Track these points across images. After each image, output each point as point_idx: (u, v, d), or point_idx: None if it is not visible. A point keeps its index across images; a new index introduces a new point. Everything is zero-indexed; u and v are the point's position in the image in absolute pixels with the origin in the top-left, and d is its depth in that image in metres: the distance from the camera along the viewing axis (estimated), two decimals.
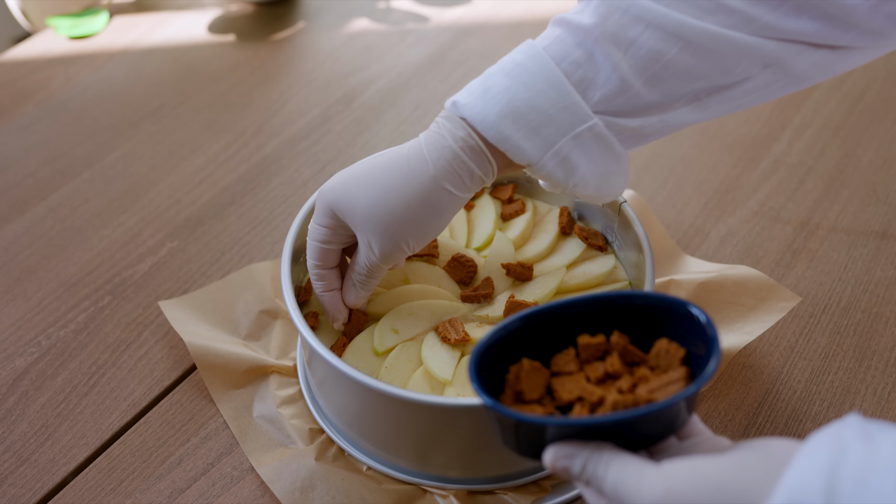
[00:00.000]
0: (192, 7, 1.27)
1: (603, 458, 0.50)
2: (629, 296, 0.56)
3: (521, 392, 0.54)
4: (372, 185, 0.65)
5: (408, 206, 0.64)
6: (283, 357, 0.80)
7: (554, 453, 0.51)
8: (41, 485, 0.73)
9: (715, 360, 0.51)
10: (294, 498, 0.69)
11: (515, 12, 1.24)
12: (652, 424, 0.51)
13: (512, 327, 0.55)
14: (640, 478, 0.48)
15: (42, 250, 0.92)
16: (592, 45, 0.61)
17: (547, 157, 0.63)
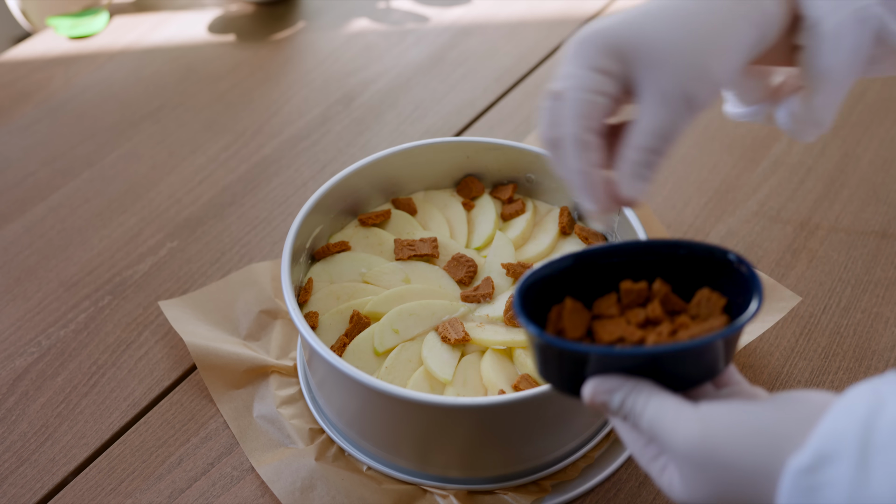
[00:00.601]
0: (192, 7, 1.27)
1: (642, 393, 0.49)
2: (673, 244, 0.55)
3: (563, 330, 0.54)
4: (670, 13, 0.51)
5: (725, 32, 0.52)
6: (283, 357, 0.80)
7: (594, 386, 0.50)
8: (41, 485, 0.73)
9: (757, 302, 0.50)
10: (294, 498, 0.69)
11: (515, 12, 1.24)
12: (692, 363, 0.51)
13: (559, 266, 0.55)
14: (678, 416, 0.47)
15: (42, 250, 0.92)
16: None
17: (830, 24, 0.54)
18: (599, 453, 0.73)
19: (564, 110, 0.52)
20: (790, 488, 0.43)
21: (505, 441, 0.68)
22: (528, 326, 0.51)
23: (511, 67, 1.14)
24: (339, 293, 0.76)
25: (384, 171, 0.82)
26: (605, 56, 0.51)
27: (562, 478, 0.72)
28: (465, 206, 0.84)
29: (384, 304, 0.75)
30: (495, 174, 0.85)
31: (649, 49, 0.51)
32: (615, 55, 0.51)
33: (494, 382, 0.69)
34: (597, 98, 0.51)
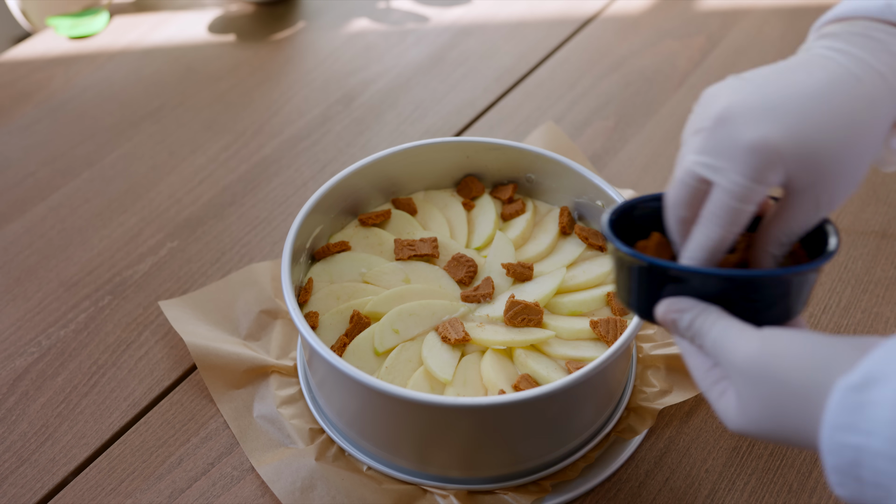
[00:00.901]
0: (192, 7, 1.27)
1: (711, 315, 0.51)
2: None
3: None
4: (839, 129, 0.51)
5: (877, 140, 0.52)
6: (283, 357, 0.80)
7: (667, 305, 0.53)
8: (41, 485, 0.73)
9: (835, 240, 0.53)
10: (294, 498, 0.69)
11: (515, 12, 1.24)
12: (768, 296, 0.52)
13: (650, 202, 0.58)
14: (740, 334, 0.49)
15: (42, 250, 0.92)
16: None
17: None
18: (599, 453, 0.73)
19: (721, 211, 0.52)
20: (838, 405, 0.44)
21: (505, 441, 0.68)
22: (616, 242, 0.54)
23: (511, 67, 1.14)
24: (339, 293, 0.76)
25: (384, 171, 0.82)
26: (774, 173, 0.51)
27: (562, 478, 0.72)
28: (465, 206, 0.84)
29: (384, 304, 0.75)
30: (495, 174, 0.85)
31: (814, 164, 0.51)
32: (782, 171, 0.51)
33: (494, 382, 0.69)
34: (750, 208, 0.51)
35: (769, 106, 0.51)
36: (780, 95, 0.51)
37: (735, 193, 0.51)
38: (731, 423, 0.50)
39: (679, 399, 0.75)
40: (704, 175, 0.52)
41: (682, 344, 0.53)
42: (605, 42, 1.18)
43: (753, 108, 0.51)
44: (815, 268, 0.52)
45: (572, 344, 0.73)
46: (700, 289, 0.52)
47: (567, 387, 0.64)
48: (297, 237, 0.74)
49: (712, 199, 0.52)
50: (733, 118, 0.51)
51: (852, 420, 0.43)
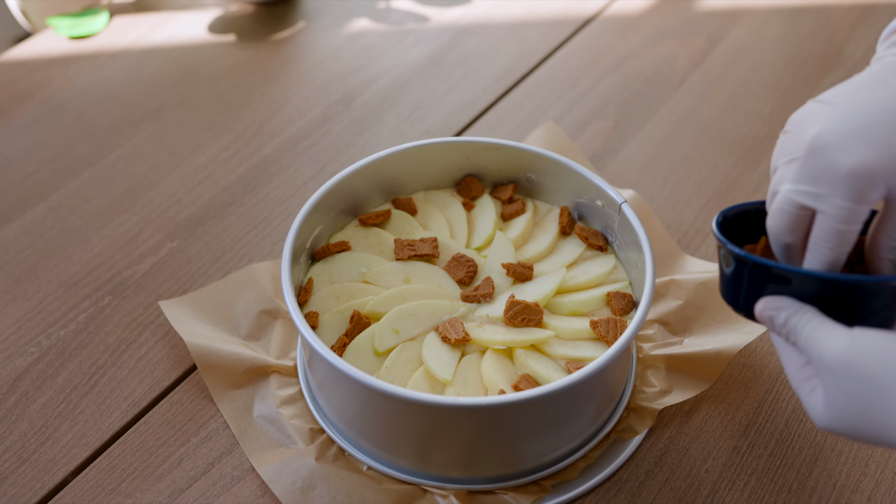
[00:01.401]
0: (192, 7, 1.27)
1: (806, 314, 0.54)
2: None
3: None
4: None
5: None
6: (283, 357, 0.80)
7: (766, 303, 0.55)
8: (41, 485, 0.73)
9: None
10: (294, 498, 0.69)
11: (515, 12, 1.24)
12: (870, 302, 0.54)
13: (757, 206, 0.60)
14: (831, 333, 0.52)
15: (42, 250, 0.92)
16: None
17: None
18: (599, 453, 0.73)
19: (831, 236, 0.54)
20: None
21: (505, 441, 0.68)
22: (724, 241, 0.57)
23: (511, 67, 1.14)
24: (340, 293, 0.76)
25: (384, 171, 0.82)
26: (874, 193, 0.53)
27: (562, 478, 0.72)
28: (465, 206, 0.84)
29: (384, 304, 0.75)
30: (495, 174, 0.85)
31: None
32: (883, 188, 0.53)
33: (494, 382, 0.69)
34: (856, 227, 0.54)
35: (859, 130, 0.53)
36: (867, 117, 0.53)
37: (840, 217, 0.53)
38: (819, 420, 0.52)
39: (679, 399, 0.75)
40: (806, 204, 0.54)
41: (778, 341, 0.56)
42: (605, 42, 1.18)
43: (845, 134, 0.53)
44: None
45: (572, 344, 0.73)
46: (801, 290, 0.54)
47: (567, 387, 0.64)
48: (297, 237, 0.74)
49: (819, 225, 0.54)
50: (827, 146, 0.53)
51: None
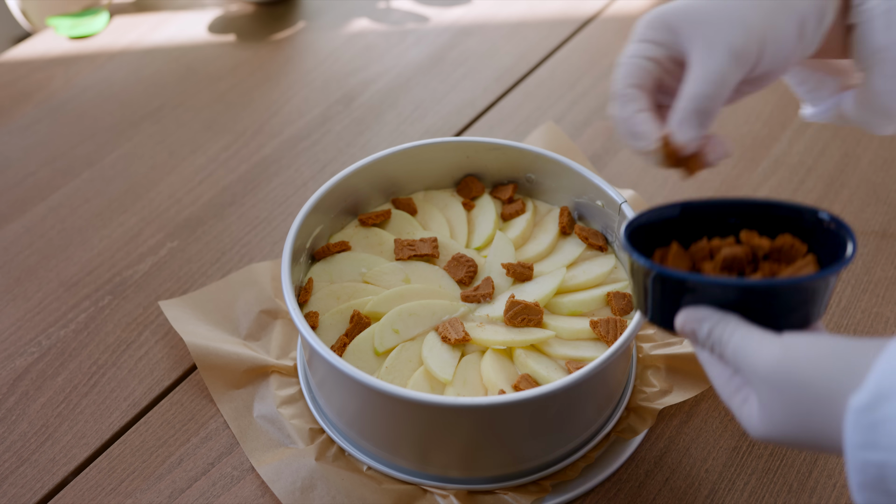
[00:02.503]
0: (192, 7, 1.27)
1: (730, 324, 0.51)
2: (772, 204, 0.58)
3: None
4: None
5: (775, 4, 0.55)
6: (283, 357, 0.80)
7: (686, 315, 0.53)
8: (41, 485, 0.73)
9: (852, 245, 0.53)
10: (294, 498, 0.69)
11: (515, 12, 1.24)
12: (786, 303, 0.52)
13: (666, 213, 0.58)
14: (761, 342, 0.50)
15: (42, 250, 0.92)
16: None
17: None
18: (599, 453, 0.73)
19: (616, 75, 0.58)
20: (853, 426, 0.44)
21: (505, 441, 0.68)
22: (635, 255, 0.54)
23: (511, 67, 1.14)
24: (340, 293, 0.76)
25: (384, 171, 0.82)
26: (655, 29, 0.57)
27: (562, 478, 0.72)
28: (465, 206, 0.84)
29: (384, 304, 0.75)
30: (495, 174, 0.85)
31: (696, 14, 0.56)
32: (664, 27, 0.57)
33: (494, 382, 0.69)
34: (641, 62, 0.58)
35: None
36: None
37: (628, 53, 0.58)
38: (755, 431, 0.50)
39: (679, 399, 0.75)
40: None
41: (702, 354, 0.54)
42: (605, 42, 1.18)
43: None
44: (832, 273, 0.52)
45: (572, 344, 0.73)
46: (719, 298, 0.52)
47: (567, 387, 0.64)
48: (297, 237, 0.74)
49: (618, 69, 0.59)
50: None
51: (871, 438, 0.43)
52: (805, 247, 0.55)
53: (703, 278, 0.53)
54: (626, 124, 0.58)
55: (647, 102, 0.59)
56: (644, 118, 0.58)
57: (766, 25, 0.55)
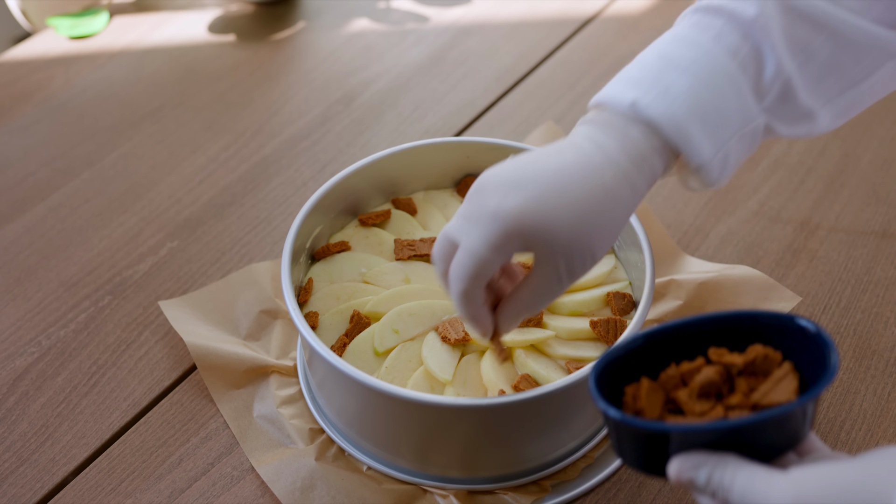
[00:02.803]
0: (192, 7, 1.27)
1: (729, 467, 0.49)
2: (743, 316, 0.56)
3: (642, 410, 0.54)
4: (571, 205, 0.56)
5: (608, 218, 0.58)
6: (283, 357, 0.80)
7: (679, 464, 0.50)
8: (41, 485, 0.73)
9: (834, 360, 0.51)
10: (294, 498, 0.69)
11: (515, 12, 1.24)
12: (776, 431, 0.51)
13: (631, 346, 0.56)
14: (769, 484, 0.47)
15: (42, 250, 0.92)
16: (759, 37, 0.58)
17: (716, 158, 0.59)
18: (599, 453, 0.73)
19: (460, 269, 0.58)
20: None
21: (505, 441, 0.68)
22: (610, 411, 0.52)
23: (511, 67, 1.14)
24: (339, 293, 0.76)
25: (384, 171, 0.82)
26: (511, 240, 0.56)
27: (562, 478, 0.72)
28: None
29: (384, 304, 0.75)
30: None
31: (548, 236, 0.56)
32: (519, 239, 0.56)
33: (494, 382, 0.69)
34: (492, 270, 0.58)
35: (515, 179, 0.57)
36: (527, 172, 0.57)
37: (474, 254, 0.56)
38: None
39: None
40: (453, 236, 0.58)
41: (703, 500, 0.51)
42: (605, 42, 1.18)
43: (503, 181, 0.57)
44: (811, 398, 0.50)
45: (572, 344, 0.73)
46: (708, 439, 0.50)
47: (567, 387, 0.64)
48: (297, 237, 0.74)
49: (456, 255, 0.58)
50: (485, 188, 0.57)
51: None
52: (779, 354, 0.54)
53: (691, 427, 0.50)
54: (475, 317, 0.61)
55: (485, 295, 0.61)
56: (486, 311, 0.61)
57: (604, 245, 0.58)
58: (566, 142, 0.59)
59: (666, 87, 0.58)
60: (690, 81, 0.58)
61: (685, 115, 0.57)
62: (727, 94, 0.58)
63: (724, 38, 0.58)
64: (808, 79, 0.59)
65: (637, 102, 0.58)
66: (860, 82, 0.61)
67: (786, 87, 0.59)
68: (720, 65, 0.58)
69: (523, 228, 0.56)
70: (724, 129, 0.58)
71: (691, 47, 0.59)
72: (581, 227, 0.56)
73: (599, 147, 0.58)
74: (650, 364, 0.56)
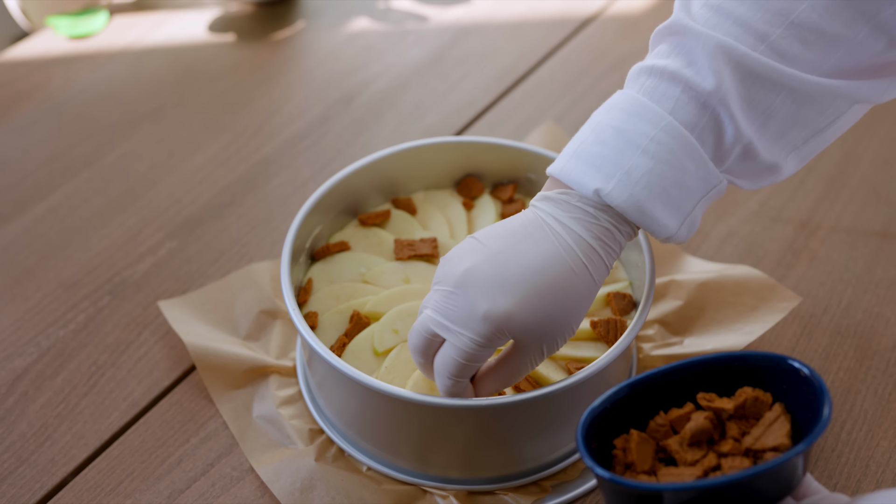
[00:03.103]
0: (192, 7, 1.27)
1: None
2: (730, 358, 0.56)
3: (633, 464, 0.54)
4: (558, 303, 0.60)
5: (577, 311, 0.61)
6: (282, 357, 0.80)
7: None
8: (41, 485, 0.73)
9: (828, 407, 0.51)
10: (294, 498, 0.69)
11: (515, 12, 1.24)
12: (772, 481, 0.51)
13: (617, 397, 0.56)
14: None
15: (41, 250, 0.92)
16: (717, 106, 0.58)
17: (682, 228, 0.61)
18: None
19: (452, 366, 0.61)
20: None
21: (505, 441, 0.68)
22: (599, 471, 0.52)
23: (511, 67, 1.14)
24: (339, 293, 0.76)
25: (384, 171, 0.82)
26: (502, 338, 0.59)
27: (562, 478, 0.71)
28: (465, 206, 0.84)
29: (384, 304, 0.75)
30: (495, 174, 0.84)
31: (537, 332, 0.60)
32: (509, 335, 0.60)
33: None
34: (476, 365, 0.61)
35: (501, 279, 0.59)
36: (511, 271, 0.59)
37: (464, 354, 0.59)
38: None
39: None
40: (439, 333, 0.60)
41: None
42: (605, 42, 1.18)
43: (487, 279, 0.59)
44: (804, 450, 0.50)
45: (572, 344, 0.72)
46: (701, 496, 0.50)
47: (567, 387, 0.64)
48: (296, 237, 0.74)
49: (443, 353, 0.60)
50: (470, 286, 0.59)
51: None
52: (769, 396, 0.54)
53: (683, 486, 0.50)
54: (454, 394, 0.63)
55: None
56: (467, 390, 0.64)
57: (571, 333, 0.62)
58: (535, 224, 0.61)
59: (628, 171, 0.58)
60: (652, 164, 0.58)
61: (648, 198, 0.59)
62: (688, 169, 0.59)
63: (682, 111, 0.59)
64: (769, 136, 0.60)
65: (601, 191, 0.59)
66: (825, 129, 0.62)
67: (746, 148, 0.60)
68: (680, 141, 0.58)
69: (513, 328, 0.59)
70: (687, 201, 0.60)
71: (650, 122, 0.59)
72: (564, 318, 0.60)
73: (572, 235, 0.60)
74: (637, 413, 0.56)
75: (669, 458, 0.54)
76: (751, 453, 0.52)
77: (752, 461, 0.52)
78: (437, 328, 0.60)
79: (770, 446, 0.51)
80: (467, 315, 0.59)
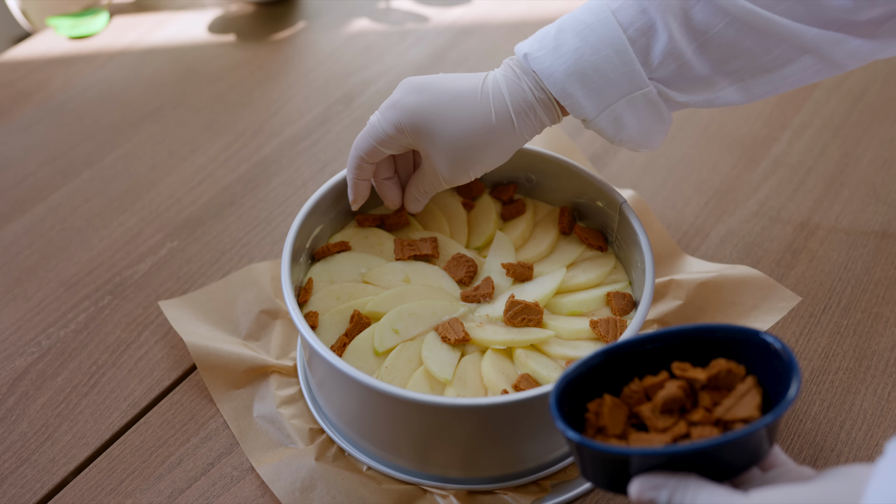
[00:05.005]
0: (192, 7, 1.27)
1: (690, 487, 0.49)
2: (702, 329, 0.56)
3: (605, 428, 0.55)
4: (456, 119, 0.69)
5: (486, 143, 0.70)
6: (283, 357, 0.80)
7: (640, 485, 0.51)
8: (41, 485, 0.73)
9: (796, 382, 0.51)
10: (294, 498, 0.69)
11: (515, 12, 1.24)
12: (739, 451, 0.51)
13: (590, 363, 0.56)
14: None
15: (42, 250, 0.92)
16: (655, 14, 0.65)
17: (602, 116, 0.68)
18: None
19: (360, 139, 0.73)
20: None
21: (505, 441, 0.68)
22: (569, 433, 0.52)
23: None
24: (339, 293, 0.76)
25: None
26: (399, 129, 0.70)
27: (562, 478, 0.72)
28: (465, 206, 0.84)
29: (384, 303, 0.75)
30: (495, 174, 0.84)
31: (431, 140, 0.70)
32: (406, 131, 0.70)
33: (495, 382, 0.69)
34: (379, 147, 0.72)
35: (422, 86, 0.70)
36: (434, 83, 0.70)
37: (372, 126, 0.71)
38: None
39: None
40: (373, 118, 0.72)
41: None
42: None
43: (413, 84, 0.70)
44: (771, 422, 0.51)
45: (572, 344, 0.73)
46: (670, 463, 0.51)
47: None
48: (296, 237, 0.74)
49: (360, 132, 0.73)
50: (399, 86, 0.71)
51: None
52: (742, 368, 0.54)
53: (650, 451, 0.51)
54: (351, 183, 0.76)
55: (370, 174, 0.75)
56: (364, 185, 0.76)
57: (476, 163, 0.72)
58: (483, 74, 0.71)
59: (557, 46, 0.67)
60: (578, 44, 0.66)
61: (565, 72, 0.67)
62: (612, 59, 0.66)
63: (623, 11, 0.66)
64: (708, 59, 0.66)
65: (529, 55, 0.68)
66: (772, 70, 0.66)
67: (680, 62, 0.66)
68: (610, 33, 0.66)
69: (413, 121, 0.69)
70: (608, 90, 0.67)
71: (593, 14, 0.67)
72: (459, 142, 0.69)
73: (497, 88, 0.69)
74: (613, 380, 0.56)
75: (642, 424, 0.55)
76: (721, 423, 0.53)
77: (721, 431, 0.53)
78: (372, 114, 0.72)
79: (740, 417, 0.52)
80: (387, 103, 0.71)
